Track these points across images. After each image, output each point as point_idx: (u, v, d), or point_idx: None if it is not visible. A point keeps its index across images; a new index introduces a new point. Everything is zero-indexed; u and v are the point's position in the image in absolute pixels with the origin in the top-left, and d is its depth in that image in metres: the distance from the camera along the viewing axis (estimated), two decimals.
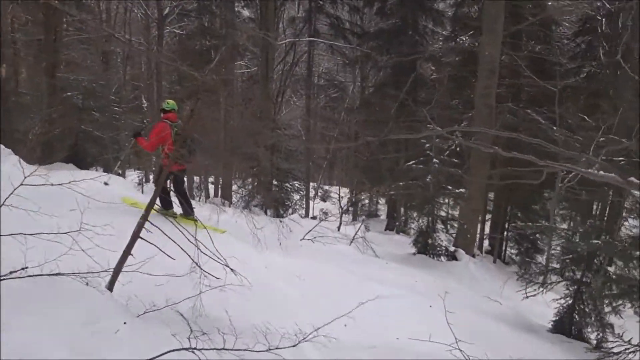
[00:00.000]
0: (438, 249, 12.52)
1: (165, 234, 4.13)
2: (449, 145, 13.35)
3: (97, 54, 21.10)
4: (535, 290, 8.08)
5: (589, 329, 7.78)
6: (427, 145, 12.40)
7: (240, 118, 22.46)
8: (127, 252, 3.99)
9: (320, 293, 6.57)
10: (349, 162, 26.62)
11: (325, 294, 6.61)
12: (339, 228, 15.33)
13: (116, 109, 17.39)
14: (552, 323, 8.10)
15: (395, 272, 9.46)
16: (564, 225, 22.14)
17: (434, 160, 12.05)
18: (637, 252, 7.32)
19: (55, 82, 14.50)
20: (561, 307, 7.98)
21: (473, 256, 13.70)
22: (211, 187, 27.17)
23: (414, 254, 12.47)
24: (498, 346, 6.56)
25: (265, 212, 23.24)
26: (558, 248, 15.74)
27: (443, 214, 14.75)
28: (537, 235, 16.94)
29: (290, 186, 25.01)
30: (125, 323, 3.59)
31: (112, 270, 4.04)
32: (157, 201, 7.67)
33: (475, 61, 16.76)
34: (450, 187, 12.83)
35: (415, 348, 5.75)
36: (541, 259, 17.16)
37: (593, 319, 7.60)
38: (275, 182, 24.36)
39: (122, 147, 16.62)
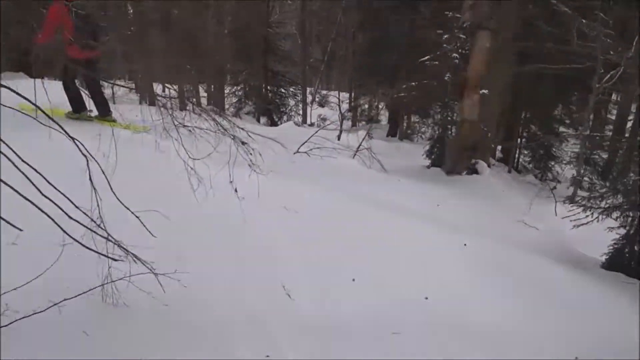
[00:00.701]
0: None
1: (16, 191, 2.28)
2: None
3: None
4: (589, 216, 6.43)
5: None
6: (445, 37, 10.32)
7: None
8: None
9: (318, 234, 4.85)
10: (347, 63, 24.40)
11: (324, 234, 4.89)
12: (339, 137, 13.51)
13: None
14: (606, 257, 6.50)
15: (411, 193, 7.73)
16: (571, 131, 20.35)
17: (454, 55, 9.99)
18: None
19: None
20: (620, 239, 6.34)
21: (489, 166, 12.07)
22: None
23: (428, 167, 10.75)
24: (548, 293, 4.98)
25: (258, 120, 21.40)
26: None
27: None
28: (551, 142, 15.22)
29: (284, 91, 23.12)
30: None
31: None
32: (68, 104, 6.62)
33: None
34: None
35: (447, 310, 4.16)
36: (558, 167, 15.69)
37: None
38: (268, 87, 22.40)
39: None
